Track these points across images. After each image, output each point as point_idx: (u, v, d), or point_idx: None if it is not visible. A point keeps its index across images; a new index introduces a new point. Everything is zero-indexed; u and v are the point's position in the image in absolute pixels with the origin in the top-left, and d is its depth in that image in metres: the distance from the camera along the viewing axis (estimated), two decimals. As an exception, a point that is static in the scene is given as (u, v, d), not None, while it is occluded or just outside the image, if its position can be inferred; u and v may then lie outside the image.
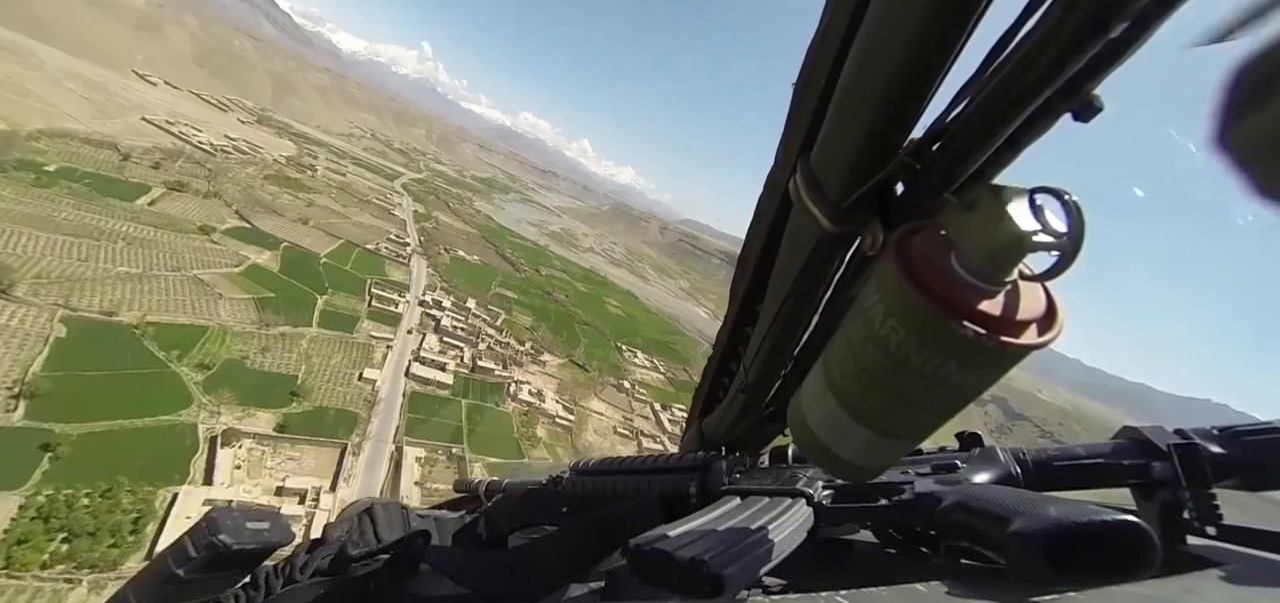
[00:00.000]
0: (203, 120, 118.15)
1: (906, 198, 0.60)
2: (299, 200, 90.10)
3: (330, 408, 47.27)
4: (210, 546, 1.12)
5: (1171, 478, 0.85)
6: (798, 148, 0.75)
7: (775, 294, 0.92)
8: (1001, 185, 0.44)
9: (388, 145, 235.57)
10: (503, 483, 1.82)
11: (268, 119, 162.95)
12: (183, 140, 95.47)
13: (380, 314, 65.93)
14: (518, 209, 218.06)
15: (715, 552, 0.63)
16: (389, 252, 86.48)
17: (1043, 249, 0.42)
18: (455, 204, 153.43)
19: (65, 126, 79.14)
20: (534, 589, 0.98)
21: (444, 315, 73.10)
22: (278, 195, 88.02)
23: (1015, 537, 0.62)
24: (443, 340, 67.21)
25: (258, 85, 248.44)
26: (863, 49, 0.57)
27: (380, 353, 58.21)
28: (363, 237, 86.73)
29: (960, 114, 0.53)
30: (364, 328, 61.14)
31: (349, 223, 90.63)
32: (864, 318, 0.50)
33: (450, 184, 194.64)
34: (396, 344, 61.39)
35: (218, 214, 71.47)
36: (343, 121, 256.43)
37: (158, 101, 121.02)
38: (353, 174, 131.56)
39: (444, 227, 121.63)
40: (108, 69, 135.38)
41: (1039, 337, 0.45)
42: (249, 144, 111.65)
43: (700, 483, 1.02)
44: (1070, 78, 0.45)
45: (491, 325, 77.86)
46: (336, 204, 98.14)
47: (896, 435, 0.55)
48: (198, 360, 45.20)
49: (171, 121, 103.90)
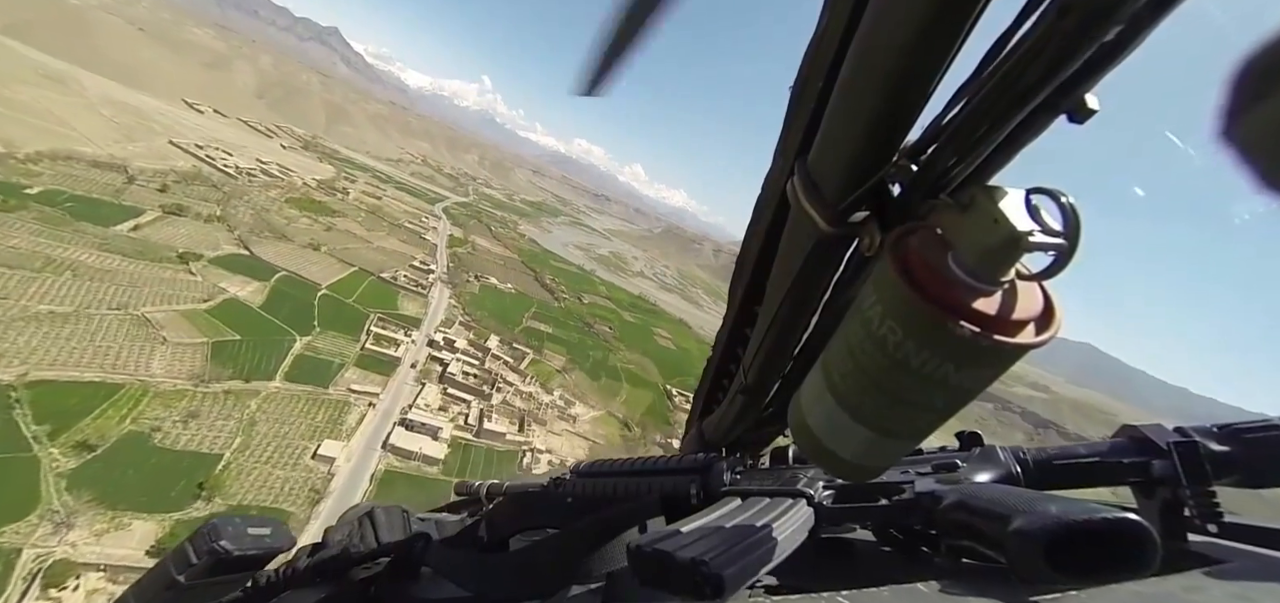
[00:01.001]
0: (240, 145, 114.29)
1: (903, 199, 0.61)
2: (318, 225, 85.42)
3: (251, 508, 32.41)
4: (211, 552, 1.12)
5: (1172, 476, 0.85)
6: (795, 149, 0.75)
7: (774, 295, 0.92)
8: (997, 186, 0.45)
9: (437, 171, 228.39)
10: (504, 486, 1.82)
11: (314, 145, 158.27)
12: (208, 163, 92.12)
13: (373, 360, 55.98)
14: (566, 233, 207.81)
15: (716, 552, 0.63)
16: (409, 280, 79.67)
17: (1039, 249, 0.42)
18: (498, 228, 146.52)
19: (76, 149, 75.30)
20: (535, 592, 0.99)
21: (454, 359, 62.64)
22: (295, 220, 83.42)
23: (1015, 536, 0.62)
24: (446, 393, 56.37)
25: (313, 115, 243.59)
26: (860, 51, 0.57)
27: (357, 414, 47.59)
28: (381, 263, 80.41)
29: (957, 116, 0.54)
30: (345, 379, 50.93)
31: (369, 248, 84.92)
32: (862, 319, 0.50)
33: (497, 208, 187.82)
34: (384, 400, 50.64)
35: (212, 240, 65.50)
36: (394, 148, 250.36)
37: (196, 127, 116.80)
38: (390, 198, 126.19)
39: (480, 252, 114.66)
40: (157, 98, 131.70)
41: (1036, 336, 0.45)
42: (281, 167, 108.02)
43: (701, 484, 1.02)
44: (1065, 80, 0.45)
45: (514, 368, 68.21)
46: (360, 228, 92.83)
47: (896, 435, 0.55)
48: (78, 439, 32.23)
49: (202, 146, 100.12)
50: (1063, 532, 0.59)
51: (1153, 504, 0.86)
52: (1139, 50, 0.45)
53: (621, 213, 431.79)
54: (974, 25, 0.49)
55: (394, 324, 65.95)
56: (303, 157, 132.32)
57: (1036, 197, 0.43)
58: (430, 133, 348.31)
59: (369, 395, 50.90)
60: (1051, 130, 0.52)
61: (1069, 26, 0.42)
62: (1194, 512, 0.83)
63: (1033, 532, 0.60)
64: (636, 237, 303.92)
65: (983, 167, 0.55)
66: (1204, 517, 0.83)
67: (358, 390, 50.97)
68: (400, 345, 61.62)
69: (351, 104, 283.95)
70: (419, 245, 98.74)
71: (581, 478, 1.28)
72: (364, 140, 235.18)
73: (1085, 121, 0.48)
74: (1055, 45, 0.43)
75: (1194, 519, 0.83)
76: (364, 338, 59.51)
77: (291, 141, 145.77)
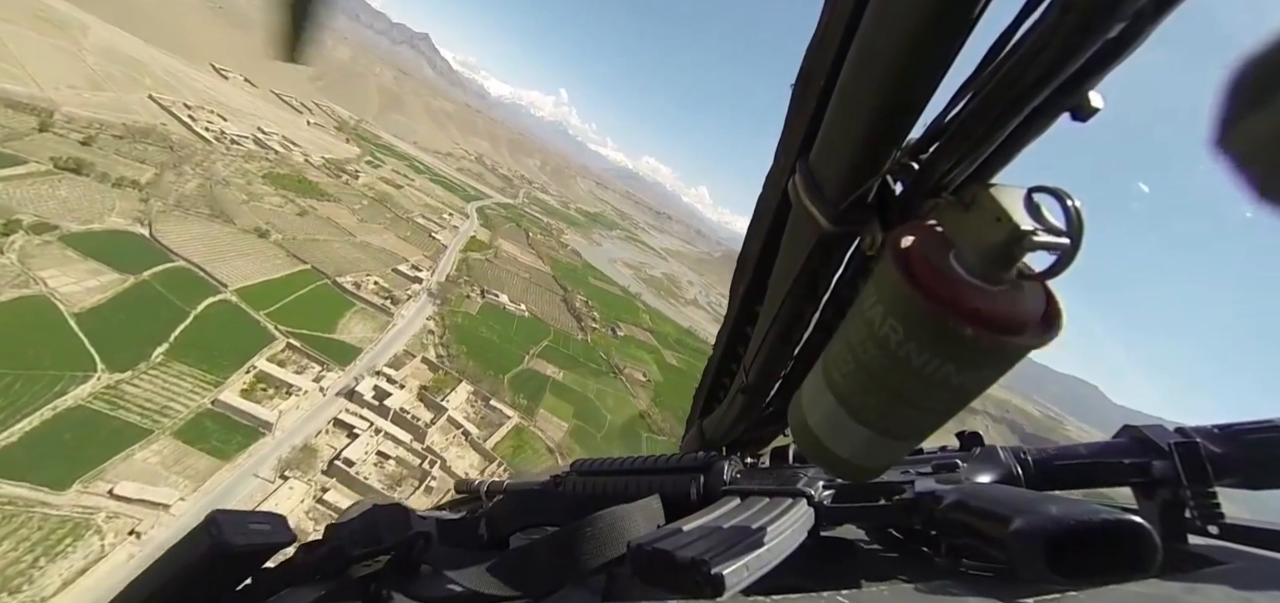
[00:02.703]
0: (248, 113, 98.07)
1: (905, 197, 0.60)
2: (290, 206, 67.39)
3: None
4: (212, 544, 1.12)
5: (1172, 477, 0.85)
6: (797, 148, 0.75)
7: (775, 294, 0.92)
8: (1000, 185, 0.44)
9: (490, 169, 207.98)
10: (504, 484, 1.82)
11: (351, 127, 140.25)
12: (185, 123, 75.94)
13: (223, 425, 34.02)
14: (617, 248, 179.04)
15: (716, 552, 0.63)
16: (379, 290, 58.21)
17: (1042, 249, 0.42)
18: (538, 234, 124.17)
19: (2, 87, 59.12)
20: (535, 590, 0.99)
21: (370, 427, 38.68)
22: (261, 198, 66.15)
23: (1016, 536, 0.62)
24: (321, 497, 32.23)
25: (366, 100, 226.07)
26: (861, 49, 0.57)
27: (89, 551, 25.36)
28: (350, 264, 60.40)
29: (959, 114, 0.54)
30: (116, 471, 28.40)
31: (349, 243, 66.24)
32: (863, 318, 0.50)
33: (546, 213, 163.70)
34: (189, 509, 27.30)
35: (98, 209, 47.56)
36: (447, 142, 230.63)
37: (204, 89, 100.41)
38: (412, 189, 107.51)
39: (503, 260, 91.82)
40: (178, 58, 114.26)
41: (1038, 336, 0.45)
42: (286, 141, 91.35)
43: (701, 483, 1.02)
44: (1068, 77, 0.45)
45: (478, 446, 42.89)
46: (350, 218, 74.02)
47: (896, 435, 0.55)
48: None
49: (191, 106, 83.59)
50: (1063, 532, 0.59)
51: (1153, 505, 0.86)
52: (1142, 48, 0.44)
53: (681, 233, 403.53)
54: (976, 23, 0.48)
55: (308, 358, 43.06)
56: (328, 136, 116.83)
57: (1039, 195, 0.42)
58: (494, 133, 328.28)
59: (152, 507, 27.05)
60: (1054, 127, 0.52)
61: (1071, 24, 0.42)
62: (1195, 513, 0.83)
63: (1033, 532, 0.60)
64: (694, 259, 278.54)
65: (985, 165, 0.55)
66: (1205, 518, 0.83)
67: (120, 507, 26.71)
68: (299, 390, 38.73)
69: (410, 95, 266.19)
70: (423, 245, 79.08)
71: (582, 476, 1.28)
72: (414, 130, 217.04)
73: (1088, 120, 0.47)
74: (1058, 43, 0.43)
75: (1195, 520, 0.83)
76: (239, 377, 37.71)
77: (324, 120, 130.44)
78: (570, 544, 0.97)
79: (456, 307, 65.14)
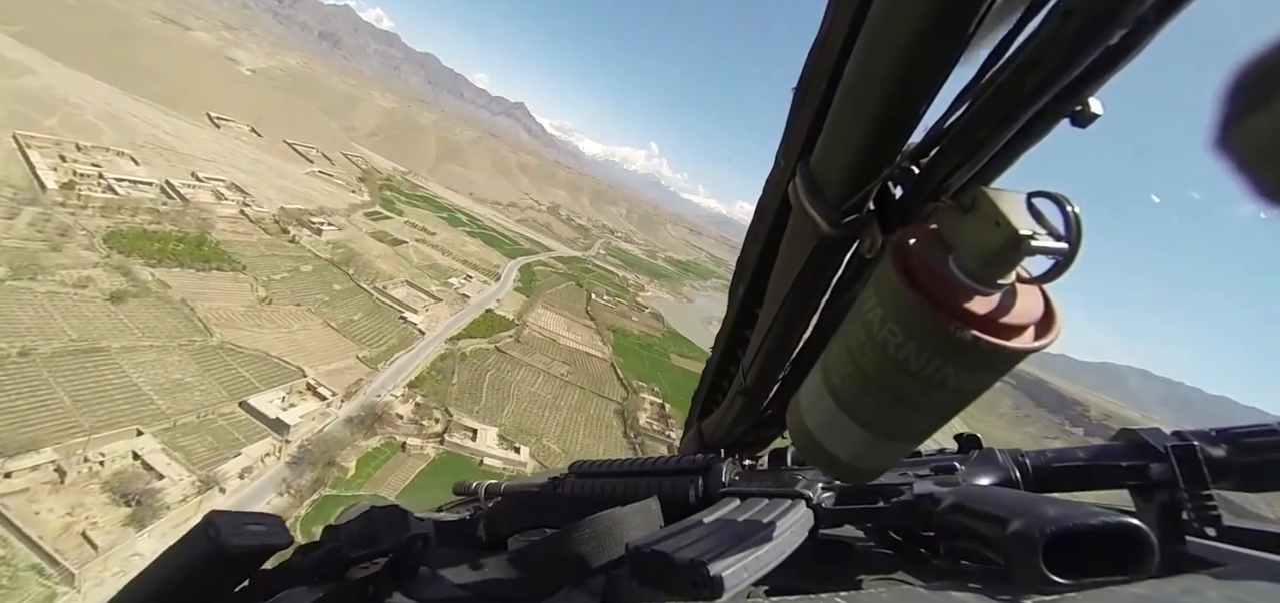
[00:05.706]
0: (213, 159, 75.88)
1: (905, 202, 0.61)
2: (115, 279, 42.32)
3: None
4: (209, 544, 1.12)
5: (1170, 479, 0.85)
6: (797, 151, 0.76)
7: (774, 297, 0.92)
8: (999, 189, 0.45)
9: (564, 220, 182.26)
10: (502, 485, 1.82)
11: (383, 177, 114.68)
12: (28, 163, 50.62)
13: None
14: (713, 302, 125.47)
15: (715, 553, 0.63)
16: (117, 481, 27.92)
17: (1040, 253, 0.42)
18: (607, 294, 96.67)
19: None
20: (534, 591, 0.99)
21: None
22: (63, 269, 40.00)
23: (1014, 538, 0.62)
24: None
25: (424, 153, 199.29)
26: (862, 54, 0.57)
27: None
28: (159, 412, 33.52)
29: (959, 119, 0.54)
30: None
31: (151, 355, 37.47)
32: (862, 320, 0.51)
33: (627, 265, 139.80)
34: None
35: None
36: (515, 193, 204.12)
37: (168, 135, 76.05)
38: (429, 246, 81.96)
39: (530, 342, 64.17)
40: (159, 108, 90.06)
41: (1036, 340, 0.45)
42: (235, 187, 67.78)
43: (700, 485, 1.02)
44: (1069, 83, 0.45)
45: None
46: (240, 296, 48.87)
47: (895, 437, 0.55)
48: None
49: (97, 148, 60.07)
50: (1061, 534, 0.59)
51: (1150, 507, 0.86)
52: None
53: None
54: (977, 28, 0.49)
55: None
56: (334, 186, 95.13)
57: (1038, 200, 0.43)
58: (575, 184, 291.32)
59: None
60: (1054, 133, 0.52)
61: (1072, 30, 0.42)
62: (1192, 515, 0.83)
63: (1031, 534, 0.60)
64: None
65: (985, 170, 0.55)
66: (1202, 520, 0.83)
67: None
68: None
69: (473, 147, 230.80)
70: (371, 337, 51.37)
71: (581, 478, 1.28)
72: (472, 182, 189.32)
73: (1089, 126, 0.48)
74: (1058, 49, 0.43)
75: (1192, 522, 0.83)
76: None
77: (344, 171, 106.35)
78: (569, 546, 0.97)
79: (353, 480, 33.57)
